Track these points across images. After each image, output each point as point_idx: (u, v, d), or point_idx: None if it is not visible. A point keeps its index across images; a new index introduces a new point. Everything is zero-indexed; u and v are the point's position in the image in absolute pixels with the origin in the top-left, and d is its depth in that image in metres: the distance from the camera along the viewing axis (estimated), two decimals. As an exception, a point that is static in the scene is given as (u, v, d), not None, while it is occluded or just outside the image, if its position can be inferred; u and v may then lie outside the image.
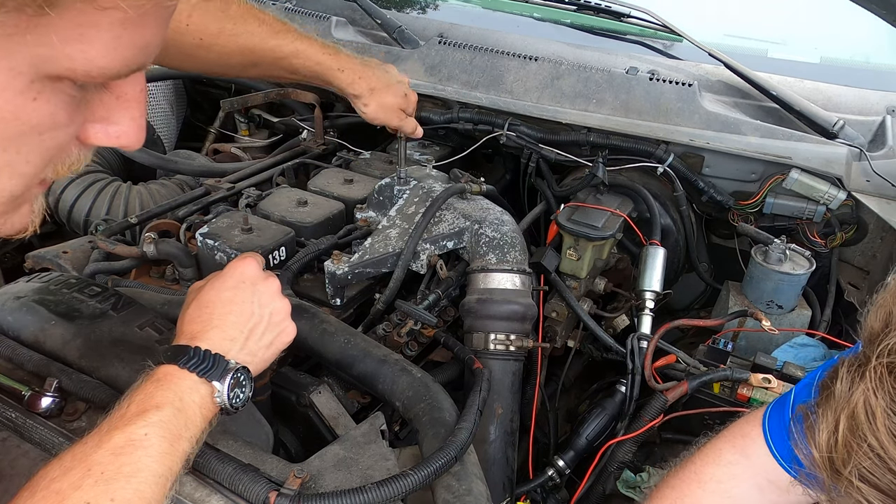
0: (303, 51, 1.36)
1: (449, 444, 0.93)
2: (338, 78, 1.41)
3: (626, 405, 1.35)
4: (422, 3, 2.24)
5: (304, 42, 1.36)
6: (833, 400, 0.70)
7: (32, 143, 0.52)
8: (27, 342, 1.05)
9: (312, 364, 1.29)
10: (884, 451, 0.63)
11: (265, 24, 1.31)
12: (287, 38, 1.34)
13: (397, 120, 1.50)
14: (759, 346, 1.45)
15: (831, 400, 0.70)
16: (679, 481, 1.02)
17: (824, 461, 0.69)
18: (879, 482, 0.64)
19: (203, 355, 0.83)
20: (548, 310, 1.51)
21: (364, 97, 1.45)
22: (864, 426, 0.65)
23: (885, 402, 0.64)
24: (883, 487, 0.64)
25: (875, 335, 0.70)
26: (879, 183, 1.52)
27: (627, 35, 1.92)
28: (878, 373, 0.66)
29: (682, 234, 1.71)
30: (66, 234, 1.91)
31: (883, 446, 0.63)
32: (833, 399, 0.70)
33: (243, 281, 0.94)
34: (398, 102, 1.49)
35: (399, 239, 1.39)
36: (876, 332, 0.70)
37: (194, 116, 2.36)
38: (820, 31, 2.04)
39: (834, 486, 0.69)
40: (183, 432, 0.78)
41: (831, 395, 0.70)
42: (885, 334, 0.69)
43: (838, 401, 0.69)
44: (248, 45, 1.30)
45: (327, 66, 1.39)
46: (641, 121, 1.65)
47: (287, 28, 1.35)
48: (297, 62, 1.36)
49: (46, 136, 0.52)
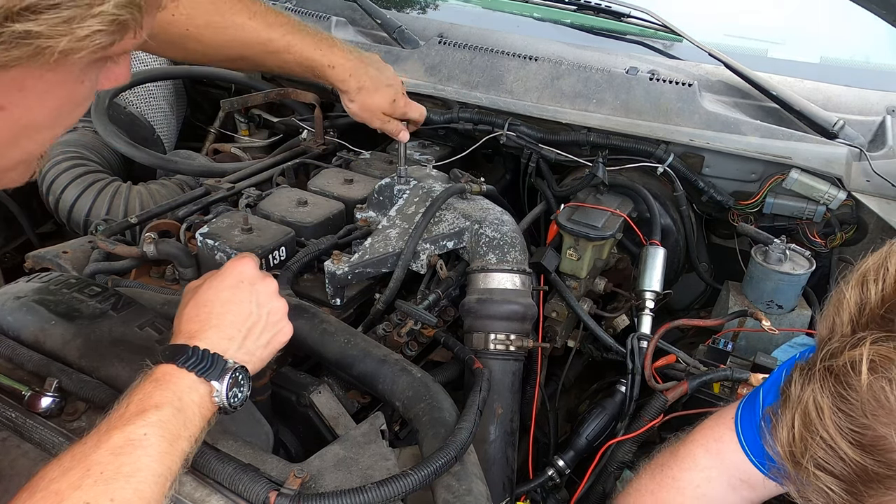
0: (294, 45, 1.35)
1: (449, 444, 0.93)
2: (327, 74, 1.41)
3: (626, 405, 1.35)
4: (422, 3, 2.24)
5: (296, 36, 1.35)
6: (789, 401, 0.80)
7: (75, 114, 0.66)
8: (27, 342, 1.05)
9: (312, 364, 1.29)
10: (833, 442, 0.73)
11: (257, 17, 1.30)
12: (279, 31, 1.33)
13: (379, 122, 1.50)
14: (759, 346, 1.45)
15: (788, 401, 0.80)
16: (657, 486, 1.05)
17: (786, 455, 0.79)
18: (833, 469, 0.73)
19: (202, 355, 0.84)
20: (548, 310, 1.51)
21: (351, 94, 1.45)
22: (816, 422, 0.74)
23: (829, 399, 0.74)
24: (837, 474, 0.73)
25: (822, 341, 0.81)
26: (879, 183, 1.52)
27: (627, 35, 1.92)
28: (821, 375, 0.76)
29: (682, 234, 1.71)
30: (66, 234, 1.91)
31: (832, 437, 0.73)
32: (789, 401, 0.80)
33: (241, 280, 0.94)
34: (384, 106, 1.48)
35: (399, 239, 1.39)
36: (823, 339, 0.81)
37: (194, 116, 2.36)
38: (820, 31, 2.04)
39: (798, 477, 0.78)
40: (182, 432, 0.78)
41: (788, 398, 0.80)
42: (827, 341, 0.79)
43: (793, 402, 0.79)
44: (237, 39, 1.29)
45: (318, 63, 1.39)
46: (641, 121, 1.65)
47: (280, 21, 1.34)
48: (288, 57, 1.36)
49: (84, 104, 0.65)
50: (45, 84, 0.58)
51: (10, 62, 0.52)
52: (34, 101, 0.59)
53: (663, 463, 1.07)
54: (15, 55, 0.51)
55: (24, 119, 0.60)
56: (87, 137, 1.97)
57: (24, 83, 0.57)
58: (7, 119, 0.59)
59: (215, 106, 2.17)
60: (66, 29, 0.52)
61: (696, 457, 1.04)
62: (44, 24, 0.51)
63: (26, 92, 0.58)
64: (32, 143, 0.65)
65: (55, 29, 0.51)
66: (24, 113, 0.60)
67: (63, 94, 0.61)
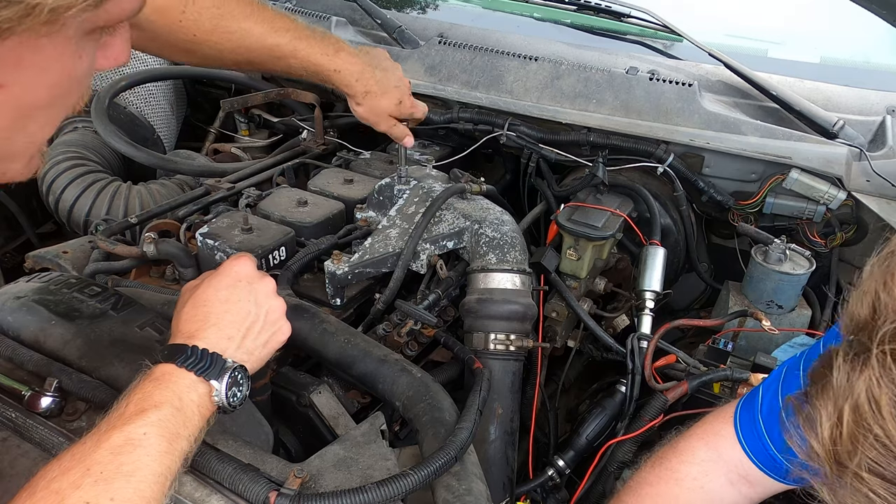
0: (300, 51, 1.35)
1: (449, 444, 0.93)
2: (333, 78, 1.41)
3: (626, 405, 1.35)
4: (422, 3, 2.24)
5: (303, 41, 1.35)
6: (832, 391, 0.68)
7: (75, 93, 0.65)
8: (27, 342, 1.05)
9: (312, 364, 1.29)
10: (890, 441, 0.62)
11: (264, 23, 1.30)
12: (286, 37, 1.33)
13: (386, 125, 1.50)
14: (759, 346, 1.45)
15: (829, 391, 0.68)
16: (656, 479, 1.04)
17: (828, 454, 0.67)
18: (885, 472, 0.63)
19: (201, 354, 0.84)
20: (548, 310, 1.51)
21: (357, 97, 1.45)
22: (869, 416, 0.63)
23: (891, 390, 0.63)
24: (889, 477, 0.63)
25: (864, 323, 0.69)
26: (879, 183, 1.52)
27: (627, 35, 1.92)
28: (880, 361, 0.64)
29: (682, 234, 1.71)
30: (66, 234, 1.91)
31: (889, 436, 0.62)
32: (832, 390, 0.68)
33: (239, 280, 0.94)
34: (391, 109, 1.48)
35: (399, 239, 1.39)
36: (864, 320, 0.69)
37: (194, 116, 2.36)
38: (820, 31, 2.04)
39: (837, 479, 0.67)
40: (181, 431, 0.78)
41: (829, 386, 0.68)
42: (879, 321, 0.67)
43: (838, 391, 0.67)
44: (243, 44, 1.30)
45: (323, 68, 1.39)
46: (641, 121, 1.65)
47: (287, 25, 1.34)
48: (294, 62, 1.36)
49: (84, 82, 0.65)
50: (42, 58, 0.58)
51: (2, 24, 0.51)
52: (33, 77, 0.59)
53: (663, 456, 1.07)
54: (6, 16, 0.51)
55: (24, 97, 0.60)
56: (87, 137, 1.97)
57: (21, 57, 0.57)
58: (8, 97, 0.59)
59: (215, 106, 2.17)
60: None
61: (696, 450, 1.03)
62: None
63: (24, 67, 0.58)
64: (35, 124, 0.64)
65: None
66: (23, 91, 0.59)
67: (61, 69, 0.60)
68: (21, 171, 0.69)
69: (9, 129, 0.62)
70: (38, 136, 0.66)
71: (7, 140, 0.63)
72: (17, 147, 0.65)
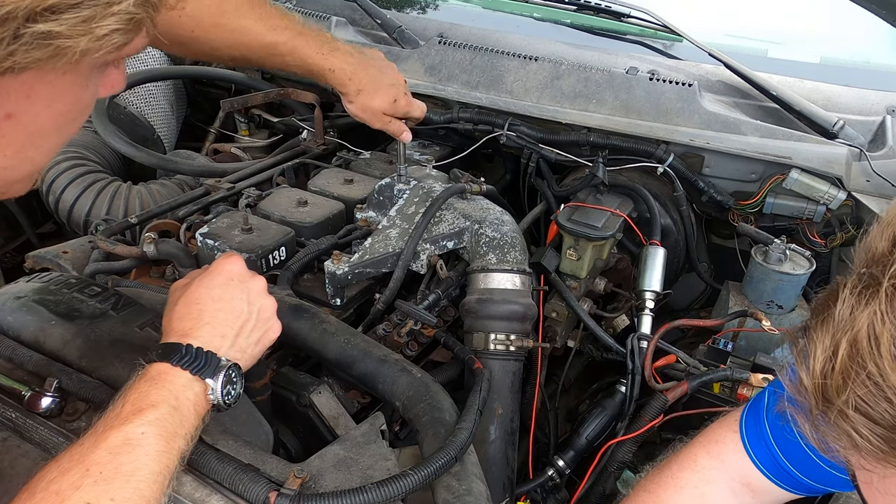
0: (297, 49, 1.36)
1: (449, 444, 0.93)
2: (327, 77, 1.42)
3: (626, 405, 1.35)
4: (422, 3, 2.24)
5: (300, 40, 1.36)
6: (832, 323, 0.63)
7: (78, 122, 0.67)
8: (27, 342, 1.05)
9: (312, 364, 1.29)
10: (882, 380, 0.58)
11: (263, 21, 1.31)
12: (284, 35, 1.33)
13: (380, 123, 1.50)
14: (759, 347, 1.45)
15: (829, 323, 0.63)
16: (656, 486, 1.03)
17: (816, 388, 0.63)
18: (872, 411, 0.59)
19: (196, 353, 0.84)
20: (548, 310, 1.51)
21: (350, 95, 1.45)
22: (866, 353, 0.59)
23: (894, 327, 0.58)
24: (875, 417, 0.59)
25: (881, 256, 0.64)
26: (879, 183, 1.52)
27: (627, 35, 1.92)
28: (889, 296, 0.60)
29: (682, 234, 1.71)
30: (66, 234, 1.91)
31: (883, 374, 0.58)
32: (832, 322, 0.63)
33: (232, 279, 0.94)
34: (385, 107, 1.48)
35: (399, 239, 1.39)
36: (881, 252, 0.64)
37: (194, 116, 2.36)
38: (820, 31, 2.04)
39: (821, 415, 0.63)
40: (179, 430, 0.78)
41: (829, 319, 0.64)
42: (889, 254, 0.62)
43: (838, 324, 0.62)
44: (242, 41, 1.30)
45: (318, 67, 1.40)
46: (641, 121, 1.65)
47: (285, 24, 1.34)
48: (290, 60, 1.37)
49: (88, 110, 0.67)
50: (53, 90, 0.59)
51: (29, 64, 0.52)
52: (42, 107, 0.60)
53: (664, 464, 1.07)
54: (35, 56, 0.52)
55: (31, 126, 0.61)
56: (87, 137, 1.97)
57: (33, 89, 0.57)
58: (15, 127, 0.59)
59: (215, 106, 2.17)
60: (85, 28, 0.52)
61: (697, 457, 1.03)
62: (64, 24, 0.51)
63: (34, 98, 0.58)
64: (39, 152, 0.66)
65: (75, 28, 0.52)
66: (31, 120, 0.60)
67: (69, 100, 0.62)
68: (21, 189, 0.70)
69: (14, 158, 0.63)
70: (41, 162, 0.68)
71: (11, 168, 0.65)
72: (21, 173, 0.67)
